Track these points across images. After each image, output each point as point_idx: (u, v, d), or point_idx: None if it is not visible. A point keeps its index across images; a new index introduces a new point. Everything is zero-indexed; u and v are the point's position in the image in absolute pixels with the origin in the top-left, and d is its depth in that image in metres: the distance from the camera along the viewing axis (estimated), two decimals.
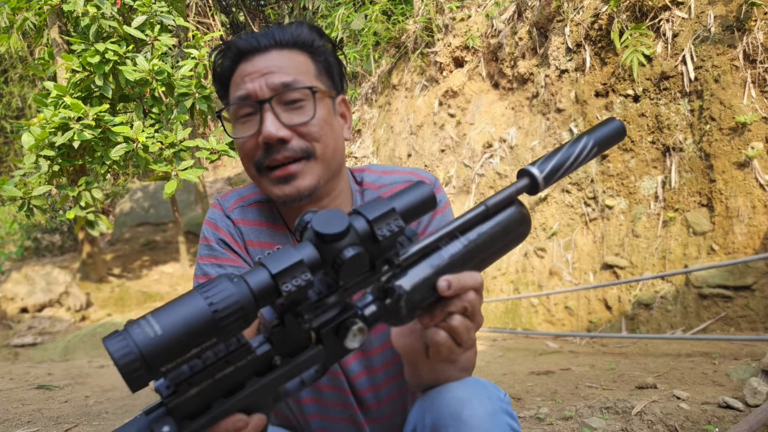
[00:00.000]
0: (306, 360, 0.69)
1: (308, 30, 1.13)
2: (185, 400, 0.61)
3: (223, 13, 15.74)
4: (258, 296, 0.60)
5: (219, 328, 0.57)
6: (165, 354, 0.54)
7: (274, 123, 1.05)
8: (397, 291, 0.73)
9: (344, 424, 1.25)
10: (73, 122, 7.42)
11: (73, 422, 3.53)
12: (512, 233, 0.84)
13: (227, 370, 0.63)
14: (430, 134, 8.99)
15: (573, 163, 0.83)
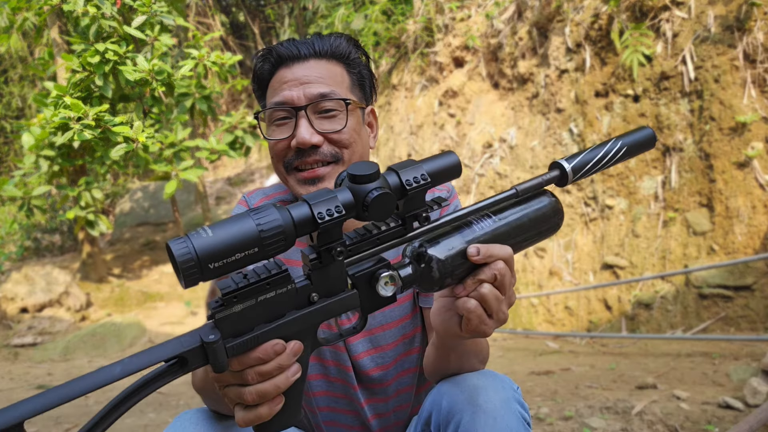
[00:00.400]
0: (342, 300, 0.75)
1: (346, 42, 1.20)
2: (230, 316, 0.69)
3: (223, 13, 15.74)
4: (297, 224, 0.69)
5: (263, 245, 0.66)
6: (215, 254, 0.64)
7: (308, 129, 1.12)
8: (430, 256, 0.79)
9: (351, 418, 1.28)
10: (73, 122, 7.42)
11: (73, 422, 3.53)
12: (546, 222, 0.88)
13: (269, 295, 0.71)
14: (430, 134, 8.99)
15: (600, 161, 0.88)
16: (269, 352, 0.71)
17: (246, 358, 0.71)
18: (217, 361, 0.69)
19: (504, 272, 0.81)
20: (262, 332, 0.71)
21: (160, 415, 3.68)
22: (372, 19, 9.91)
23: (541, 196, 0.88)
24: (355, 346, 1.23)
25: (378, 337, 1.23)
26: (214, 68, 8.44)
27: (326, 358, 1.24)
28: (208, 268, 0.64)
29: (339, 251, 0.73)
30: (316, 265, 0.74)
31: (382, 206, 0.73)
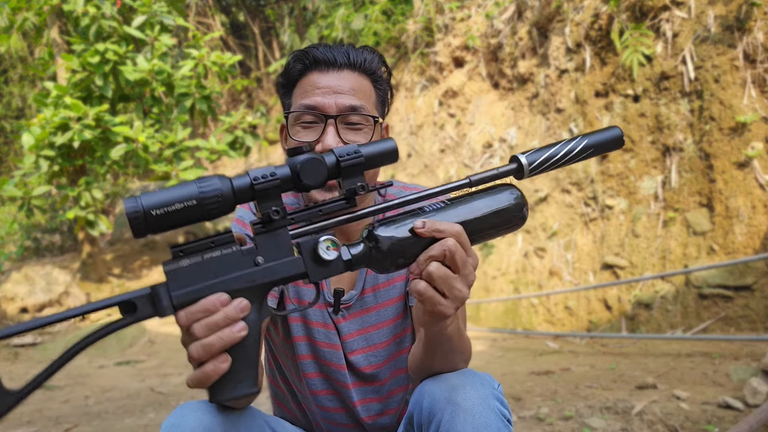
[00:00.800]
0: (286, 263, 0.80)
1: (377, 59, 1.24)
2: (179, 271, 0.77)
3: (223, 13, 15.74)
4: (237, 192, 0.77)
5: (202, 206, 0.75)
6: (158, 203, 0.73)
7: (334, 138, 1.16)
8: (378, 235, 0.83)
9: (347, 417, 1.29)
10: (73, 122, 7.42)
11: (73, 422, 3.53)
12: (504, 216, 0.89)
13: (214, 254, 0.78)
14: (430, 134, 8.99)
15: (562, 159, 0.89)
16: (214, 303, 0.76)
17: (192, 309, 0.76)
18: (162, 305, 0.76)
19: (454, 248, 0.83)
20: (206, 285, 0.77)
21: (160, 414, 3.68)
22: (372, 19, 9.91)
23: (504, 190, 0.90)
24: (351, 343, 1.24)
25: (372, 335, 1.25)
26: (214, 68, 8.44)
27: (322, 357, 1.24)
28: (151, 214, 0.73)
29: (275, 211, 0.79)
30: (259, 230, 0.80)
31: (312, 169, 0.79)
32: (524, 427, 2.86)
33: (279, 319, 1.25)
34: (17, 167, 9.54)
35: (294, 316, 1.23)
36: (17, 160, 9.32)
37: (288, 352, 1.27)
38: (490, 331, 6.76)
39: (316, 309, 1.23)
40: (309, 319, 1.23)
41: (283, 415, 1.39)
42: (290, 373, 1.30)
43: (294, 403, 1.34)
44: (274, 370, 1.34)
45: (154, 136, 8.05)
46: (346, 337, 1.24)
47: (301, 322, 1.24)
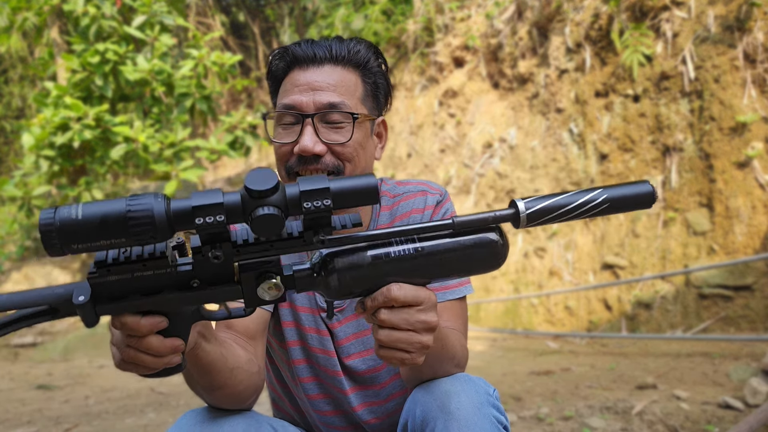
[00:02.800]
0: (221, 292, 0.75)
1: (365, 49, 1.16)
2: (105, 283, 0.72)
3: (223, 13, 15.74)
4: (173, 218, 0.67)
5: (128, 229, 0.65)
6: (77, 235, 0.64)
7: (312, 138, 1.10)
8: (331, 264, 0.78)
9: (346, 420, 1.26)
10: (73, 122, 7.42)
11: (73, 422, 3.53)
12: (475, 259, 0.80)
13: (145, 273, 0.72)
14: (430, 134, 8.99)
15: (571, 212, 0.77)
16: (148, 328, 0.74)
17: (126, 320, 0.74)
18: (86, 319, 0.73)
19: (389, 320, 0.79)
20: (133, 303, 0.73)
21: (160, 415, 3.68)
22: (372, 19, 9.91)
23: (484, 233, 0.79)
24: (347, 347, 1.21)
25: (369, 338, 1.22)
26: (214, 68, 8.45)
27: (317, 363, 1.22)
28: (71, 247, 0.65)
29: (217, 256, 0.72)
30: (198, 260, 0.74)
31: (267, 226, 0.69)
32: (524, 427, 2.86)
33: (272, 323, 1.22)
34: (17, 167, 9.54)
35: (287, 320, 1.20)
36: (17, 160, 9.32)
37: (283, 357, 1.25)
38: (490, 331, 6.76)
39: (309, 314, 1.19)
40: (302, 325, 1.21)
41: (282, 417, 1.37)
42: (287, 377, 1.28)
43: (292, 406, 1.32)
44: (271, 374, 1.33)
45: (154, 136, 8.05)
46: (342, 341, 1.21)
47: (294, 326, 1.21)
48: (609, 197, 0.77)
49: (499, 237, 0.80)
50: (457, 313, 1.16)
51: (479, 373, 4.47)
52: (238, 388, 1.00)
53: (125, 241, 0.66)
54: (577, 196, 0.77)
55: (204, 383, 0.96)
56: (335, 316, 1.19)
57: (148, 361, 0.77)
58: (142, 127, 7.94)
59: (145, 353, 0.76)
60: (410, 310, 0.80)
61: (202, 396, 1.02)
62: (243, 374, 1.01)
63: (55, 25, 9.13)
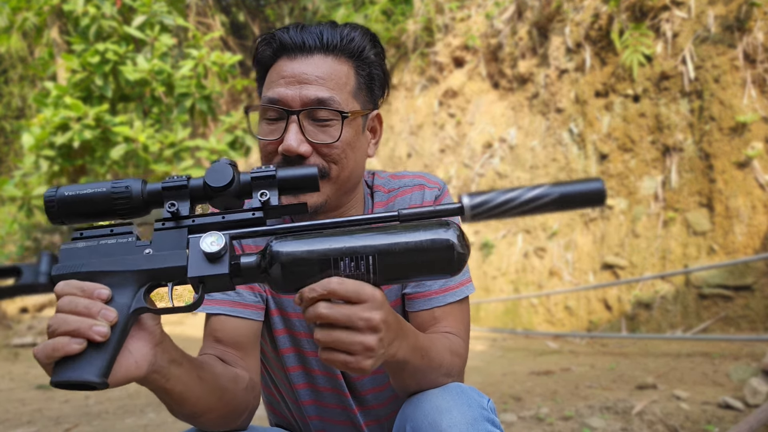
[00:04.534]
0: (167, 256, 0.80)
1: (360, 36, 1.07)
2: (72, 250, 0.81)
3: (223, 13, 15.73)
4: (146, 193, 0.80)
5: (111, 200, 0.80)
6: (71, 206, 0.80)
7: (296, 137, 1.01)
8: (271, 250, 0.77)
9: (344, 426, 1.24)
10: (73, 122, 7.42)
11: (73, 422, 3.53)
12: (427, 254, 0.75)
13: (109, 241, 0.81)
14: (430, 134, 8.99)
15: (513, 206, 0.73)
16: (90, 289, 0.75)
17: (69, 282, 0.76)
18: (40, 270, 0.80)
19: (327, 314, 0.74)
20: (84, 264, 0.80)
21: (160, 415, 3.68)
22: (372, 19, 9.91)
23: (437, 228, 0.76)
24: None
25: None
26: (214, 68, 8.45)
27: (313, 368, 1.18)
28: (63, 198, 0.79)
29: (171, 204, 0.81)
30: (159, 227, 0.82)
31: (219, 169, 0.80)
32: (524, 427, 2.86)
33: (266, 331, 1.18)
34: (17, 167, 9.54)
35: (279, 328, 1.16)
36: (17, 160, 9.32)
37: (278, 364, 1.21)
38: (490, 331, 6.76)
39: (302, 320, 1.14)
40: (295, 330, 1.16)
41: (279, 421, 1.34)
42: (282, 384, 1.25)
43: (287, 410, 1.30)
44: (267, 378, 1.29)
45: (154, 136, 8.06)
46: None
47: (286, 333, 1.16)
48: (556, 194, 0.74)
49: (456, 239, 0.75)
50: (458, 317, 1.11)
51: (479, 373, 4.48)
52: (225, 410, 0.95)
53: (108, 212, 0.80)
54: (524, 192, 0.74)
55: (185, 412, 0.91)
56: None
57: (70, 322, 0.72)
58: (142, 127, 7.94)
59: (71, 313, 0.73)
60: (352, 306, 0.74)
61: (189, 422, 0.96)
62: (229, 395, 0.95)
63: (55, 25, 9.14)
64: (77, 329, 0.72)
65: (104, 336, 0.72)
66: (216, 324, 1.08)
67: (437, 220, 0.78)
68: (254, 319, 1.10)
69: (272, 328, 1.17)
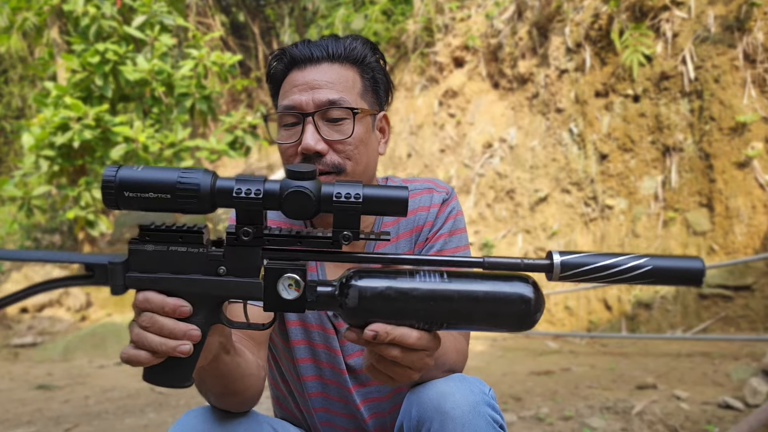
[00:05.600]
0: (245, 284, 0.77)
1: (361, 45, 1.17)
2: (141, 252, 0.77)
3: (223, 13, 15.73)
4: (216, 192, 0.74)
5: (176, 194, 0.73)
6: (133, 185, 0.73)
7: (313, 136, 1.10)
8: (353, 285, 0.76)
9: (347, 419, 1.27)
10: (73, 122, 7.42)
11: (73, 422, 3.53)
12: (503, 311, 0.75)
13: (180, 248, 0.77)
14: (430, 134, 8.99)
15: (607, 273, 0.72)
16: (173, 307, 0.75)
17: (151, 297, 0.76)
18: (114, 283, 0.77)
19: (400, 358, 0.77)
20: (163, 277, 0.77)
21: (160, 415, 3.68)
22: (372, 19, 9.92)
23: (517, 281, 0.75)
24: (350, 345, 1.21)
25: None
26: (214, 68, 8.45)
27: (321, 360, 1.23)
28: (123, 195, 0.73)
29: (245, 232, 0.76)
30: (231, 241, 0.77)
31: (296, 203, 0.74)
32: (524, 427, 2.86)
33: (277, 323, 1.23)
34: (17, 167, 9.54)
35: (292, 319, 1.21)
36: (17, 160, 9.33)
37: (288, 356, 1.25)
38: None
39: (314, 312, 1.20)
40: (307, 323, 1.21)
41: (284, 416, 1.38)
42: (290, 376, 1.29)
43: (294, 405, 1.33)
44: (275, 372, 1.33)
45: (154, 136, 8.06)
46: (345, 339, 1.21)
47: (299, 325, 1.21)
48: (655, 268, 0.72)
49: (533, 287, 0.75)
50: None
51: (479, 373, 4.47)
52: (248, 393, 1.02)
53: (171, 206, 0.74)
54: (619, 259, 0.72)
55: (217, 390, 0.97)
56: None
57: (155, 343, 0.75)
58: (142, 127, 7.95)
59: (156, 334, 0.75)
60: (419, 353, 0.78)
61: (210, 400, 1.02)
62: (253, 380, 1.02)
63: (55, 25, 9.14)
64: (163, 351, 0.76)
65: (188, 353, 0.77)
66: (235, 312, 1.12)
67: (519, 274, 0.76)
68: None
69: (285, 318, 1.22)
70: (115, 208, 0.75)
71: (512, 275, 0.76)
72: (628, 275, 0.72)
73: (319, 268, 1.22)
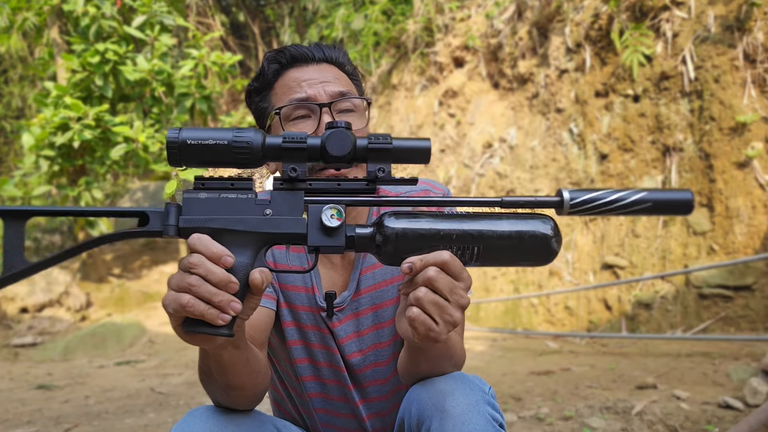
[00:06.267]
0: (288, 221, 0.83)
1: (344, 54, 1.24)
2: (195, 200, 0.83)
3: (223, 13, 15.72)
4: (266, 147, 0.82)
5: (231, 150, 0.81)
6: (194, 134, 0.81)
7: None
8: (387, 227, 0.83)
9: (347, 419, 1.27)
10: (73, 122, 7.42)
11: (73, 422, 3.53)
12: (528, 243, 0.83)
13: (230, 195, 0.83)
14: (430, 134, 8.99)
15: (612, 205, 0.81)
16: (218, 253, 0.78)
17: (199, 236, 0.79)
18: (168, 223, 0.82)
19: (435, 277, 0.81)
20: (213, 218, 0.82)
21: (160, 415, 3.68)
22: (372, 19, 9.91)
23: (536, 217, 0.84)
24: (348, 346, 1.21)
25: (371, 336, 1.21)
26: (214, 68, 8.45)
27: (319, 360, 1.22)
28: (186, 143, 0.80)
29: (293, 168, 0.82)
30: (277, 186, 0.84)
31: (338, 138, 0.81)
32: (524, 427, 2.86)
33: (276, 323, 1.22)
34: (17, 167, 9.54)
35: (287, 320, 1.21)
36: (17, 160, 9.33)
37: (285, 357, 1.25)
38: (490, 331, 6.76)
39: (309, 313, 1.20)
40: (303, 323, 1.21)
41: (283, 417, 1.37)
42: (288, 377, 1.28)
43: (292, 406, 1.32)
44: (273, 375, 1.32)
45: (154, 136, 8.06)
46: (343, 340, 1.21)
47: (294, 326, 1.21)
48: (647, 198, 0.81)
49: (552, 232, 0.83)
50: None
51: (479, 372, 4.46)
52: (256, 390, 1.03)
53: (228, 159, 0.81)
54: (620, 193, 0.81)
55: (222, 381, 0.98)
56: (335, 315, 1.19)
57: (202, 290, 0.76)
58: (142, 127, 7.95)
59: (204, 279, 0.77)
60: (455, 282, 0.82)
61: (216, 395, 1.03)
62: (261, 378, 1.03)
63: (55, 25, 9.13)
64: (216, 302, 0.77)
65: (238, 312, 0.79)
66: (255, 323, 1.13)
67: (538, 213, 0.85)
68: (268, 308, 1.15)
69: (281, 319, 1.22)
70: (177, 165, 0.81)
71: (533, 216, 0.84)
72: (631, 208, 0.81)
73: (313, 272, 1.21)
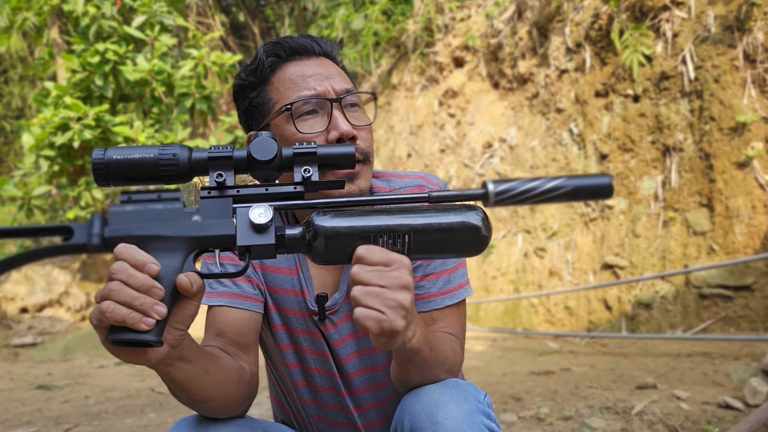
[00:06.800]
0: (216, 223, 0.82)
1: (336, 48, 1.20)
2: (122, 213, 0.82)
3: (223, 13, 15.73)
4: (193, 161, 0.83)
5: (158, 165, 0.81)
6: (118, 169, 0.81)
7: (345, 121, 1.09)
8: (315, 225, 0.82)
9: (343, 428, 1.24)
10: (73, 122, 7.42)
11: (73, 422, 3.53)
12: (456, 234, 0.82)
13: (157, 206, 0.83)
14: (430, 134, 8.99)
15: (534, 196, 0.80)
16: (143, 261, 0.75)
17: (125, 245, 0.77)
18: (92, 232, 0.80)
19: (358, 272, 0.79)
20: (139, 226, 0.81)
21: (160, 415, 3.68)
22: (372, 19, 9.91)
23: (465, 210, 0.83)
24: (342, 349, 1.18)
25: (367, 338, 1.18)
26: (214, 68, 8.44)
27: (311, 366, 1.19)
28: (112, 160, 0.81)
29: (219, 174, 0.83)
30: (205, 195, 0.84)
31: (262, 144, 0.82)
32: (524, 427, 2.86)
33: (266, 325, 1.20)
34: (17, 167, 9.55)
35: (277, 324, 1.17)
36: (17, 160, 9.33)
37: (280, 359, 1.22)
38: (490, 331, 6.76)
39: (300, 317, 1.16)
40: (293, 327, 1.17)
41: (284, 417, 1.35)
42: (285, 380, 1.26)
43: (290, 408, 1.31)
44: (273, 372, 1.30)
45: (154, 136, 8.05)
46: (337, 343, 1.17)
47: (284, 330, 1.18)
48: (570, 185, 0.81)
49: (482, 222, 0.83)
50: (455, 320, 1.14)
51: (479, 372, 4.48)
52: (226, 400, 0.98)
53: (154, 177, 0.82)
54: (541, 183, 0.81)
55: (186, 397, 0.94)
56: (327, 319, 1.16)
57: (122, 295, 0.73)
58: (142, 127, 7.94)
59: (124, 284, 0.74)
60: (382, 267, 0.80)
61: (190, 407, 1.00)
62: (231, 387, 0.98)
63: (55, 25, 9.13)
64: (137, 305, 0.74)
65: (163, 316, 0.76)
66: (218, 316, 1.10)
67: (465, 204, 0.85)
68: (255, 311, 1.13)
69: (271, 323, 1.18)
70: (105, 184, 0.82)
71: (461, 206, 0.84)
72: (550, 195, 0.81)
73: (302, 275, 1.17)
